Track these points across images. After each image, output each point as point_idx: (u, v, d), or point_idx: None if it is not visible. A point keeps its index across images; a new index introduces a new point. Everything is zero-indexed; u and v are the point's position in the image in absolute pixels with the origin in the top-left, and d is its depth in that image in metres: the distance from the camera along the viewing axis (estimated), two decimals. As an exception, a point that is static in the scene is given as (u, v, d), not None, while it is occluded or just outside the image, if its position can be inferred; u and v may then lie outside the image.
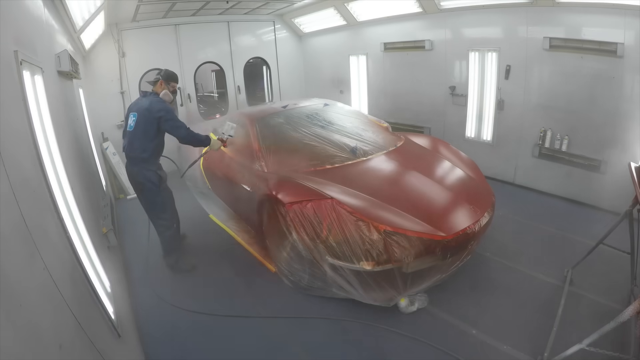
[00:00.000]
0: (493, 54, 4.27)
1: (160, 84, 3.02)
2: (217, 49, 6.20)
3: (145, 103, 2.90)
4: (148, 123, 2.86)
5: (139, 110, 2.89)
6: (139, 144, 2.88)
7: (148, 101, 2.91)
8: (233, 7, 5.36)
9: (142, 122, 2.87)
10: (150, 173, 2.93)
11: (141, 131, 2.87)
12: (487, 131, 4.59)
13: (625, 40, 3.21)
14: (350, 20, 5.71)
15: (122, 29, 5.19)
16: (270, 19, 6.54)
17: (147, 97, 2.99)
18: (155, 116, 2.86)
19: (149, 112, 2.86)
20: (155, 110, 2.86)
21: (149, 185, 2.95)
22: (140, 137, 2.88)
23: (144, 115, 2.87)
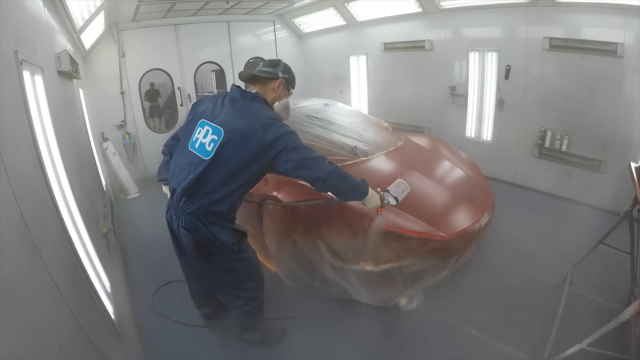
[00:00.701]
0: (493, 54, 4.27)
1: (277, 85, 1.82)
2: (217, 49, 6.20)
3: (245, 118, 1.67)
4: (248, 159, 1.66)
5: (230, 128, 1.66)
6: (214, 188, 1.69)
7: (250, 114, 1.68)
8: (233, 7, 5.36)
9: (235, 154, 1.65)
10: (223, 231, 1.79)
11: (228, 169, 1.67)
12: (487, 131, 4.60)
13: (625, 40, 3.21)
14: (350, 20, 5.71)
15: (122, 29, 5.19)
16: (270, 19, 6.54)
17: (245, 102, 1.74)
18: (267, 148, 1.64)
19: (255, 139, 1.63)
20: (271, 138, 1.63)
21: (222, 250, 1.82)
22: (221, 179, 1.68)
23: (243, 141, 1.64)
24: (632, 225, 2.23)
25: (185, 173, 1.73)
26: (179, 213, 1.78)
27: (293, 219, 2.48)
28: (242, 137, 1.65)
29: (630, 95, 3.28)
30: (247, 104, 1.75)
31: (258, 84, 1.83)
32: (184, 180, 1.72)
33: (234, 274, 1.94)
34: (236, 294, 2.02)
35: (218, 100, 1.80)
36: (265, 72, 1.81)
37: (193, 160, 1.72)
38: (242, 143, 1.65)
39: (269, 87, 1.82)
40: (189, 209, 1.74)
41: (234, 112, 1.71)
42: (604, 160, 3.59)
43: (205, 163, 1.68)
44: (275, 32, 6.71)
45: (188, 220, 1.76)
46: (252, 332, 2.21)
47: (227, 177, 1.69)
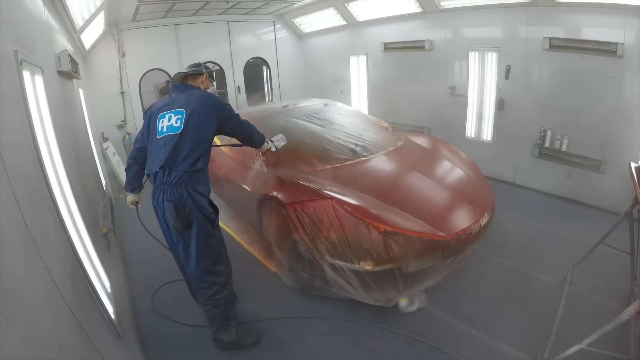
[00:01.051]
0: (493, 54, 4.27)
1: (204, 78, 2.37)
2: (217, 49, 6.20)
3: (195, 97, 2.14)
4: (205, 121, 2.09)
5: (188, 106, 2.09)
6: (189, 151, 2.02)
7: (198, 95, 2.17)
8: (233, 7, 5.37)
9: (196, 121, 2.06)
10: (204, 199, 2.08)
11: (193, 133, 2.04)
12: (487, 131, 4.60)
13: (625, 40, 3.21)
14: (350, 20, 5.71)
15: (122, 29, 5.19)
16: (270, 19, 6.54)
17: (189, 91, 2.21)
18: (217, 111, 2.13)
19: (207, 107, 2.11)
20: (218, 104, 2.16)
21: (201, 219, 2.05)
22: (191, 142, 2.03)
23: (199, 111, 2.08)
24: (632, 225, 2.23)
25: (163, 153, 2.03)
26: (165, 188, 2.02)
27: (293, 219, 2.48)
28: (200, 107, 2.10)
29: (630, 95, 3.28)
30: (191, 90, 2.23)
31: (189, 80, 2.32)
32: (162, 159, 2.02)
33: (208, 252, 2.11)
34: (208, 280, 2.14)
35: (167, 98, 2.23)
36: (194, 71, 2.35)
37: (166, 140, 2.05)
38: (200, 112, 2.09)
39: (199, 81, 2.35)
40: (174, 179, 2.01)
41: (186, 97, 2.15)
42: (604, 160, 3.59)
43: (178, 135, 2.04)
44: (275, 32, 6.72)
45: (173, 191, 2.01)
46: (227, 331, 2.24)
47: (195, 140, 2.06)
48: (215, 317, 2.22)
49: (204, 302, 2.19)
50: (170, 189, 2.01)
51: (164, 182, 2.02)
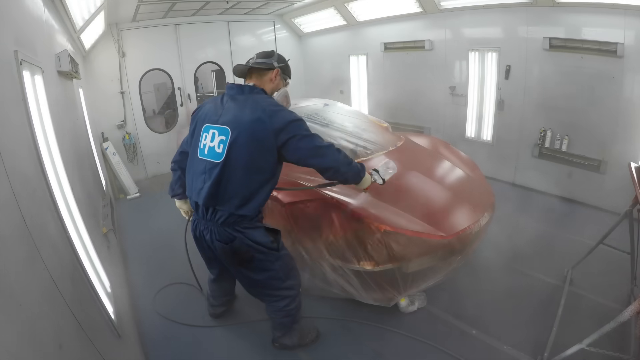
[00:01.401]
0: (493, 54, 4.27)
1: (274, 75, 1.78)
2: (217, 49, 6.20)
3: (249, 111, 1.60)
4: (258, 151, 1.59)
5: (236, 124, 1.59)
6: (236, 190, 1.62)
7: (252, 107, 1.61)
8: (233, 7, 5.36)
9: (243, 150, 1.58)
10: (259, 232, 1.76)
11: (240, 168, 1.60)
12: (487, 131, 4.60)
13: (625, 40, 3.21)
14: (350, 20, 5.71)
15: (122, 29, 5.19)
16: (270, 19, 6.54)
17: (246, 96, 1.68)
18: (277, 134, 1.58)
19: (261, 129, 1.57)
20: (279, 124, 1.58)
21: (262, 251, 1.77)
22: (240, 178, 1.61)
23: (248, 135, 1.57)
24: (632, 225, 2.23)
25: (202, 182, 1.67)
26: (210, 226, 1.73)
27: (293, 219, 2.48)
28: (250, 129, 1.58)
29: (630, 95, 3.28)
30: (247, 97, 1.69)
31: (254, 76, 1.79)
32: (202, 190, 1.67)
33: (277, 274, 1.89)
34: (279, 295, 1.95)
35: (217, 102, 1.75)
36: (260, 64, 1.77)
37: (206, 167, 1.66)
38: (250, 136, 1.58)
39: (266, 79, 1.79)
40: (220, 220, 1.69)
41: (236, 108, 1.65)
42: (604, 160, 3.59)
43: (219, 166, 1.61)
44: (275, 32, 6.72)
45: (221, 232, 1.71)
46: (291, 335, 2.14)
47: (245, 176, 1.62)
48: (283, 324, 2.08)
49: (274, 312, 2.02)
50: (217, 229, 1.70)
51: (207, 219, 1.71)
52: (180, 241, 2.53)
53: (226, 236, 1.70)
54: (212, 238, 1.74)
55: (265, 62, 1.77)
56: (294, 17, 6.43)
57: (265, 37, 6.69)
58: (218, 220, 1.69)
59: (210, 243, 1.76)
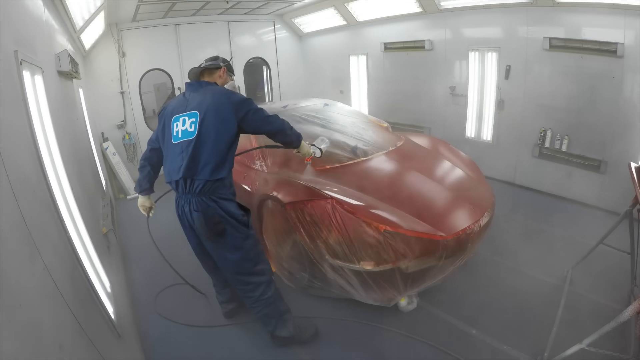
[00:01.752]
0: (493, 54, 4.27)
1: (222, 72, 2.16)
2: (217, 49, 6.20)
3: (209, 96, 1.96)
4: (222, 123, 1.90)
5: (202, 107, 1.91)
6: (208, 158, 1.88)
7: (212, 92, 1.98)
8: (233, 7, 5.37)
9: (211, 124, 1.89)
10: (231, 204, 1.98)
11: (211, 138, 1.88)
12: (487, 131, 4.60)
13: (625, 40, 3.21)
14: (350, 20, 5.71)
15: (122, 29, 5.19)
16: (270, 19, 6.54)
17: (204, 88, 2.02)
18: (235, 109, 1.92)
19: (223, 105, 1.91)
20: (235, 100, 1.94)
21: (233, 225, 1.96)
22: (211, 148, 1.89)
23: (213, 111, 1.90)
24: (632, 225, 2.23)
25: (180, 160, 1.90)
26: (189, 198, 1.93)
27: (293, 219, 2.48)
28: (215, 108, 1.91)
29: (630, 95, 3.28)
30: (206, 88, 2.03)
31: (206, 76, 2.13)
32: (181, 167, 1.89)
33: (247, 254, 2.03)
34: (253, 281, 2.07)
35: (180, 98, 2.06)
36: (210, 65, 2.14)
37: (182, 146, 1.91)
38: (216, 113, 1.91)
39: (216, 76, 2.15)
40: (197, 189, 1.90)
41: (200, 97, 1.97)
42: (604, 160, 3.59)
43: (194, 141, 1.88)
44: (275, 32, 6.72)
45: (199, 201, 1.91)
46: (284, 326, 2.20)
47: (215, 144, 1.90)
48: (268, 316, 2.16)
49: (253, 304, 2.12)
50: (195, 199, 1.91)
51: (187, 191, 1.92)
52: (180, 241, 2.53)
53: (202, 205, 1.91)
54: (190, 209, 1.93)
55: (213, 63, 2.15)
56: (294, 17, 6.43)
57: (265, 37, 6.69)
58: (196, 189, 1.90)
59: (189, 216, 1.95)
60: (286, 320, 2.20)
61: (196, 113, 1.92)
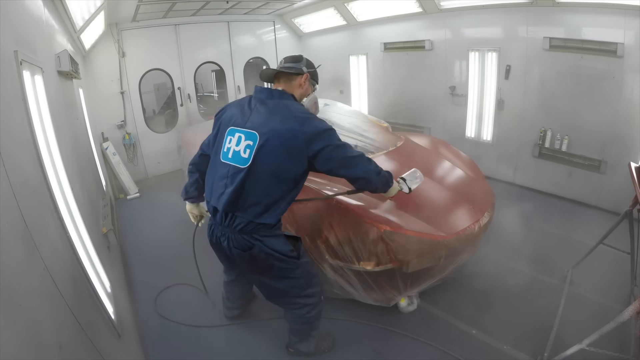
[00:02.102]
0: (493, 54, 4.27)
1: (303, 80, 1.75)
2: (217, 49, 6.20)
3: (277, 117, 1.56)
4: (287, 158, 1.54)
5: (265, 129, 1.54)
6: (258, 198, 1.58)
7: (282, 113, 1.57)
8: (233, 7, 5.36)
9: (271, 157, 1.54)
10: (278, 241, 1.71)
11: (267, 174, 1.55)
12: (487, 131, 4.59)
13: (625, 40, 3.21)
14: (350, 20, 5.71)
15: (122, 29, 5.19)
16: (270, 19, 6.54)
17: (275, 101, 1.63)
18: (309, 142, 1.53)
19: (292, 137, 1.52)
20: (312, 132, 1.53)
21: (282, 259, 1.72)
22: (264, 186, 1.57)
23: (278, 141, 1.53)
24: (632, 225, 2.23)
25: (223, 187, 1.61)
26: (227, 233, 1.67)
27: (293, 219, 2.47)
28: (279, 137, 1.53)
29: (630, 95, 3.28)
30: (277, 102, 1.63)
31: (282, 81, 1.75)
32: (222, 195, 1.61)
33: (297, 282, 1.82)
34: (300, 302, 1.89)
35: (244, 104, 1.69)
36: (290, 68, 1.74)
37: (229, 171, 1.60)
38: (280, 143, 1.53)
39: (295, 84, 1.75)
40: (238, 227, 1.63)
41: (265, 113, 1.59)
42: (604, 160, 3.59)
43: (243, 172, 1.56)
44: (275, 32, 6.71)
45: (239, 239, 1.65)
46: (308, 342, 2.08)
47: (270, 184, 1.56)
48: (301, 331, 2.02)
49: (294, 319, 1.97)
50: (235, 235, 1.65)
51: (225, 225, 1.66)
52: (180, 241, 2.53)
53: (244, 243, 1.65)
54: (229, 245, 1.67)
55: (294, 66, 1.74)
56: (294, 17, 6.43)
57: (265, 37, 6.69)
58: (236, 227, 1.63)
59: (227, 250, 1.70)
60: (312, 337, 2.08)
61: (255, 135, 1.54)
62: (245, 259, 1.68)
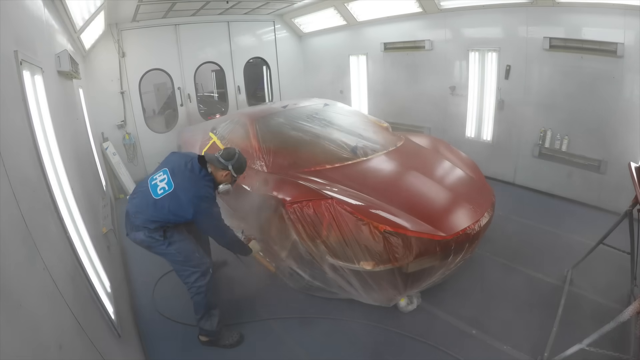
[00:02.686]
0: (493, 54, 4.27)
1: (225, 174, 2.29)
2: (217, 49, 6.20)
3: (190, 185, 2.17)
4: (178, 209, 2.14)
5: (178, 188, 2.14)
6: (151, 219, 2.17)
7: (196, 184, 2.18)
8: (233, 7, 5.36)
9: (172, 204, 2.14)
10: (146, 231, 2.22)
11: (163, 212, 2.14)
12: (487, 131, 4.59)
13: (625, 40, 3.21)
14: (350, 20, 5.71)
15: (122, 29, 5.19)
16: (270, 19, 6.54)
17: (199, 174, 2.22)
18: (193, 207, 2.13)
19: (188, 202, 2.12)
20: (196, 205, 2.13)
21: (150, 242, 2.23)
22: (156, 216, 2.16)
23: (180, 199, 2.13)
24: (632, 225, 2.23)
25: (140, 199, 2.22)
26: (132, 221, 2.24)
27: (293, 219, 2.48)
28: (181, 197, 2.14)
29: (630, 95, 3.28)
30: (199, 177, 2.22)
31: (214, 165, 2.28)
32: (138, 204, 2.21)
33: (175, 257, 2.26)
34: (189, 270, 2.27)
35: (186, 161, 2.26)
36: (219, 163, 2.26)
37: (146, 192, 2.21)
38: (179, 201, 2.13)
39: (219, 173, 2.29)
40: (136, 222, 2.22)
41: (188, 179, 2.19)
42: (604, 160, 3.58)
43: (152, 202, 2.16)
44: (275, 32, 6.71)
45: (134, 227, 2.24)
46: (209, 320, 2.31)
47: (158, 218, 2.16)
48: (198, 304, 2.29)
49: (188, 290, 2.29)
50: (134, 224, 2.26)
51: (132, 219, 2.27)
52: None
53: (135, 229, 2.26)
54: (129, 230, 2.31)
55: (223, 162, 2.26)
56: (294, 17, 6.43)
57: (265, 37, 6.69)
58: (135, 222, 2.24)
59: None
60: (212, 316, 2.31)
61: (173, 186, 2.17)
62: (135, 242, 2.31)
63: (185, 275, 2.27)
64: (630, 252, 2.27)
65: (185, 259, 2.26)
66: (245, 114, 3.77)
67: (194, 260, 2.28)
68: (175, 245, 2.25)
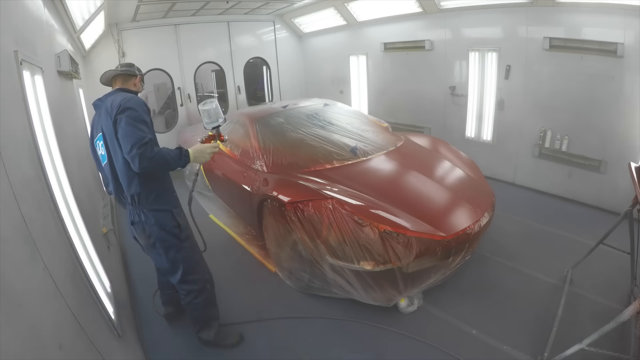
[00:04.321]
0: (493, 54, 4.27)
1: (137, 80, 2.12)
2: (217, 49, 6.20)
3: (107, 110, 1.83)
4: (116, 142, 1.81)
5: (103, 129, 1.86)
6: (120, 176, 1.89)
7: (112, 104, 1.82)
8: (233, 7, 5.36)
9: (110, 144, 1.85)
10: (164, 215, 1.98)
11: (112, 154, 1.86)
12: (487, 131, 4.59)
13: (625, 40, 3.21)
14: (350, 20, 5.71)
15: (122, 29, 5.19)
16: (270, 19, 6.54)
17: (112, 96, 1.93)
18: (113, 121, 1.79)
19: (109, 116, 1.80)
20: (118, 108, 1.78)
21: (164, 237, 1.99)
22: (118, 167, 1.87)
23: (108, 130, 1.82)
24: (632, 225, 2.23)
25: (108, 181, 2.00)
26: (130, 210, 1.99)
27: (293, 219, 2.48)
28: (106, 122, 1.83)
29: (630, 95, 3.28)
30: (112, 96, 1.91)
31: (119, 81, 2.06)
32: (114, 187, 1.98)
33: (179, 265, 2.07)
34: (185, 288, 2.14)
35: (95, 115, 2.00)
36: (126, 70, 2.06)
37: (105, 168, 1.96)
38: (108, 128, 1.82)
39: (130, 83, 2.08)
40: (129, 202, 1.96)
41: (103, 115, 1.89)
42: (604, 160, 3.58)
43: (108, 165, 1.91)
44: (275, 32, 6.71)
45: (133, 213, 1.97)
46: (208, 330, 2.27)
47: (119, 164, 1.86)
48: (196, 319, 2.26)
49: (185, 305, 2.22)
50: (132, 212, 1.97)
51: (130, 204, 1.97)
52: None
53: (134, 217, 1.97)
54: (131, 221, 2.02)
55: (129, 69, 2.09)
56: (294, 17, 6.43)
57: (265, 37, 6.69)
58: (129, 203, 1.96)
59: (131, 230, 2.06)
60: (211, 327, 2.28)
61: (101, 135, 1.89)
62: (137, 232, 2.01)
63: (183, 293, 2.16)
64: (630, 252, 2.27)
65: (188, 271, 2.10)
66: (245, 114, 3.77)
67: (196, 274, 2.14)
68: (190, 241, 2.12)
